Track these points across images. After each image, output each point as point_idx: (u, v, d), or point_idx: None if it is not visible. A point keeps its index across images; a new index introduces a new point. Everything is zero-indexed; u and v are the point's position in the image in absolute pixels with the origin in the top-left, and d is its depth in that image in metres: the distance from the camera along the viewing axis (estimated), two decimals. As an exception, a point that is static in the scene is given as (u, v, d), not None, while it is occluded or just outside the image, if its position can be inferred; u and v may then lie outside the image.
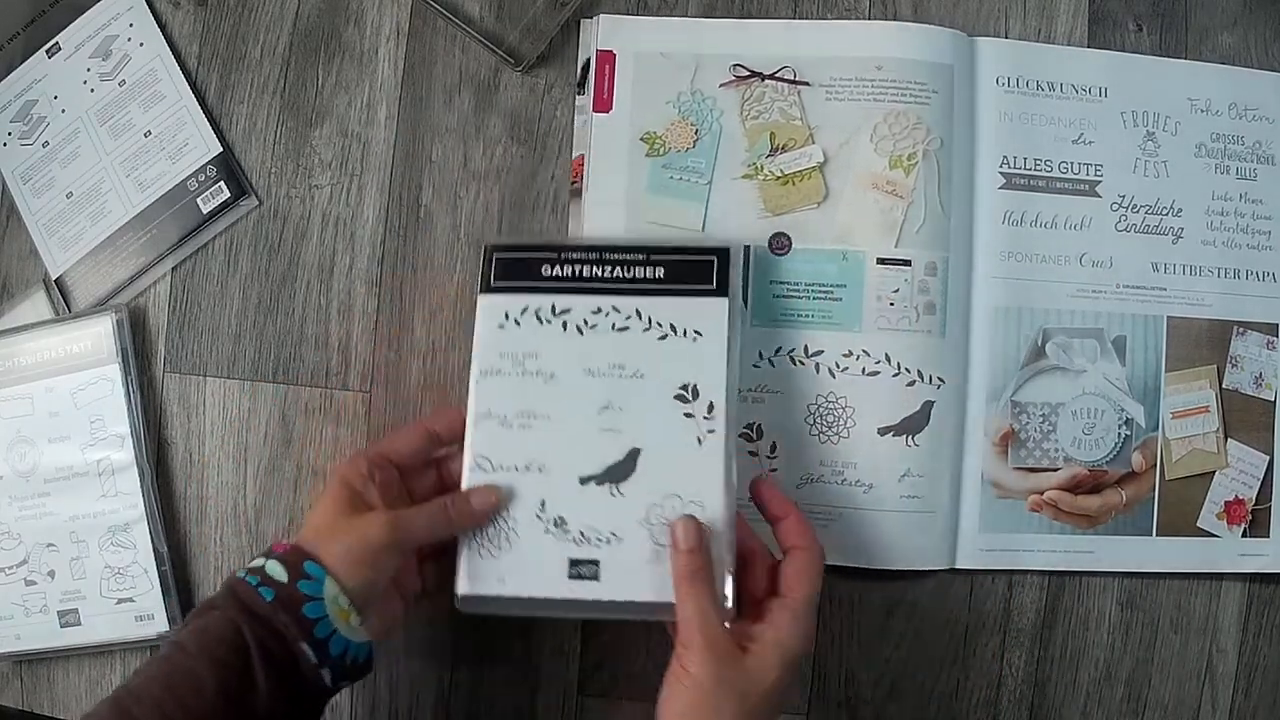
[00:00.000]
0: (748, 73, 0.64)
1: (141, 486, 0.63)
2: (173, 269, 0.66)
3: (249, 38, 0.67)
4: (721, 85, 0.64)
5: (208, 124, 0.66)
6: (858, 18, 0.66)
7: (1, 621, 0.64)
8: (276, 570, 0.50)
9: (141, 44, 0.67)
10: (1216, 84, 0.66)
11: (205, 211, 0.66)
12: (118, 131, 0.66)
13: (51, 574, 0.64)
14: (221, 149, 0.66)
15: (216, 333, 0.66)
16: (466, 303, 0.66)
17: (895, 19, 0.65)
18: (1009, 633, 0.65)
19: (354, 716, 0.65)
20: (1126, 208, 0.65)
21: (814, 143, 0.63)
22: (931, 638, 0.65)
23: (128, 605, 0.64)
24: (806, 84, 0.64)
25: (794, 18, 0.66)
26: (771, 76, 0.64)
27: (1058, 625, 0.65)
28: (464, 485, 0.55)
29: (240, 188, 0.66)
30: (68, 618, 0.64)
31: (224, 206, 0.66)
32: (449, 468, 0.58)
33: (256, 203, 0.66)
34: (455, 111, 0.66)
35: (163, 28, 0.67)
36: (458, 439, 0.56)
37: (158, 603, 0.63)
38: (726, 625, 0.50)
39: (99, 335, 0.64)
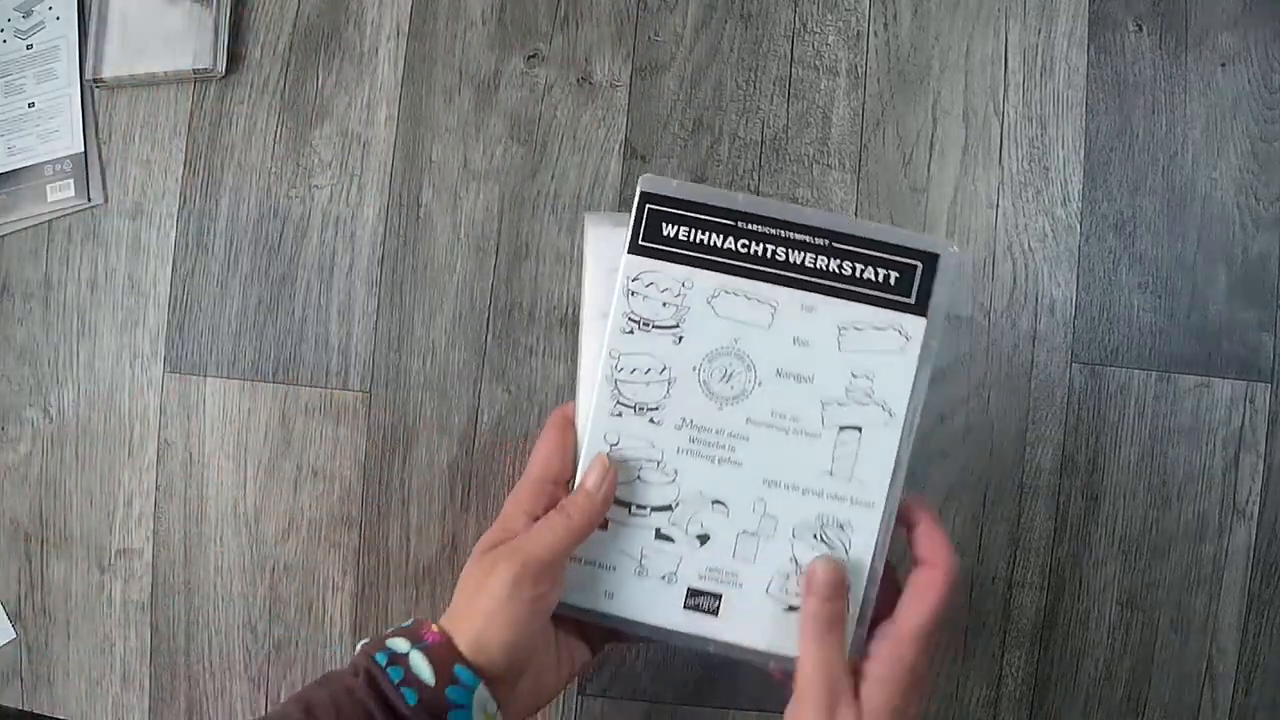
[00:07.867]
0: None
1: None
2: (172, 269, 0.66)
3: (249, 38, 0.67)
4: None
5: (80, 119, 0.66)
6: (858, 20, 0.66)
7: (596, 569, 0.48)
8: (423, 669, 0.43)
9: (58, 18, 0.67)
10: None
11: (50, 200, 0.66)
12: (9, 92, 0.67)
13: (703, 539, 0.47)
14: (83, 149, 0.66)
15: (216, 333, 0.66)
16: (467, 302, 0.66)
17: (895, 19, 0.66)
18: (1009, 633, 0.65)
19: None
20: None
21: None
22: (931, 638, 0.65)
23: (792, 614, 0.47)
24: None
25: (794, 20, 0.66)
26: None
27: (1058, 625, 0.65)
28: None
29: (88, 193, 0.66)
30: (699, 600, 0.48)
31: (68, 203, 0.66)
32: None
33: (103, 203, 0.66)
34: (455, 111, 0.66)
35: (162, 28, 0.67)
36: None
37: None
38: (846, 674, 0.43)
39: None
